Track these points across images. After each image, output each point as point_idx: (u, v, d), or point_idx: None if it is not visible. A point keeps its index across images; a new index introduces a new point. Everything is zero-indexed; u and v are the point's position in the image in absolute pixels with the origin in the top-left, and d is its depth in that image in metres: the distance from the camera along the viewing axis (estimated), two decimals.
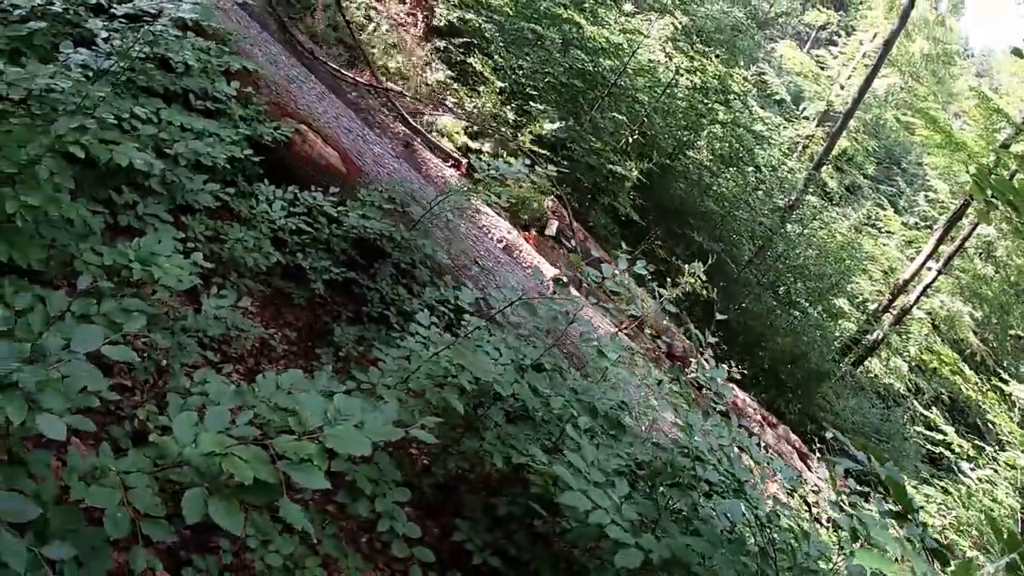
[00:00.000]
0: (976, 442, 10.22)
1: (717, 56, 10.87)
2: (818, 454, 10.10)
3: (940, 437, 10.87)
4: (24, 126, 3.00)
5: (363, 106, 7.32)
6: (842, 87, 22.02)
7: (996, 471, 9.22)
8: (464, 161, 7.78)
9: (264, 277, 4.50)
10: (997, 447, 10.33)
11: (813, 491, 8.53)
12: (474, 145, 8.27)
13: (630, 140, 9.32)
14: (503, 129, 7.51)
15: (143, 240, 2.95)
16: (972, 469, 9.88)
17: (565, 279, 3.33)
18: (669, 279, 5.93)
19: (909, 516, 3.21)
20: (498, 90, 8.49)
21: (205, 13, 3.10)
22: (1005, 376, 12.26)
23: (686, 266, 6.33)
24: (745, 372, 7.55)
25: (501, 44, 8.90)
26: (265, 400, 2.23)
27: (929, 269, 16.49)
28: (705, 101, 10.66)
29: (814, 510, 8.15)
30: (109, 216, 3.27)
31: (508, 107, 8.61)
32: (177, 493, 2.64)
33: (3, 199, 2.74)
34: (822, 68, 23.23)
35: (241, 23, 5.26)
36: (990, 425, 11.98)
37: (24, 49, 3.65)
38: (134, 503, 1.92)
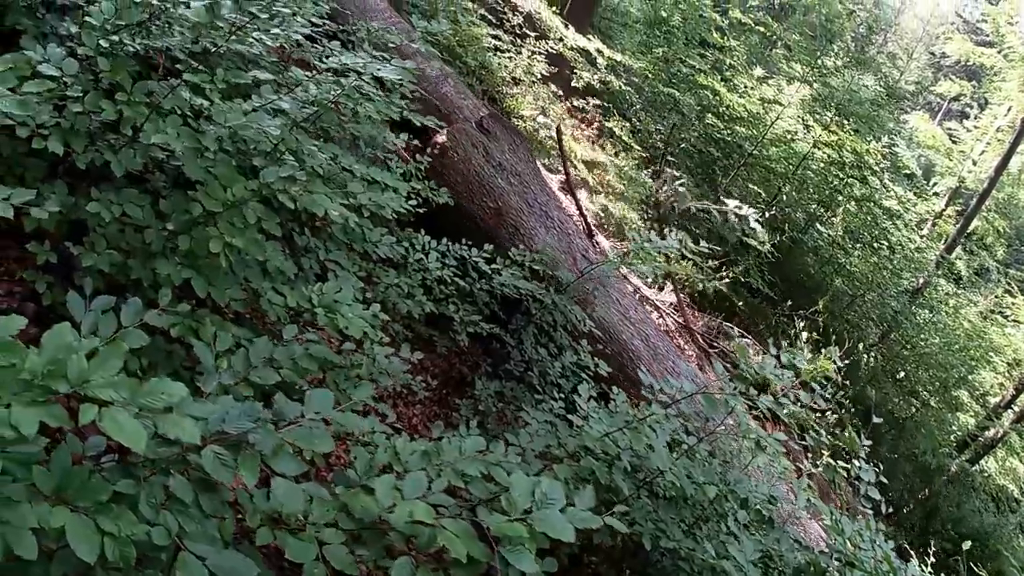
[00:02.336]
0: None
1: (856, 131, 10.58)
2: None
3: None
4: (225, 165, 3.18)
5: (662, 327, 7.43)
6: (974, 162, 20.98)
7: None
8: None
9: (407, 322, 4.60)
10: None
11: None
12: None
13: (766, 214, 9.16)
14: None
15: (325, 286, 3.06)
16: None
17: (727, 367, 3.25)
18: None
19: None
20: (636, 155, 8.53)
21: (406, 76, 3.25)
22: None
23: (823, 351, 6.09)
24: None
25: (640, 107, 8.97)
26: (451, 465, 2.24)
27: None
28: (841, 175, 10.35)
29: None
30: (290, 257, 3.42)
31: (644, 171, 8.62)
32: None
33: (208, 237, 2.91)
34: (954, 142, 22.21)
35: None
36: None
37: (206, 86, 3.89)
38: (330, 560, 1.94)
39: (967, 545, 5.60)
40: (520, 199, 5.31)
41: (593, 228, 7.50)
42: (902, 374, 12.16)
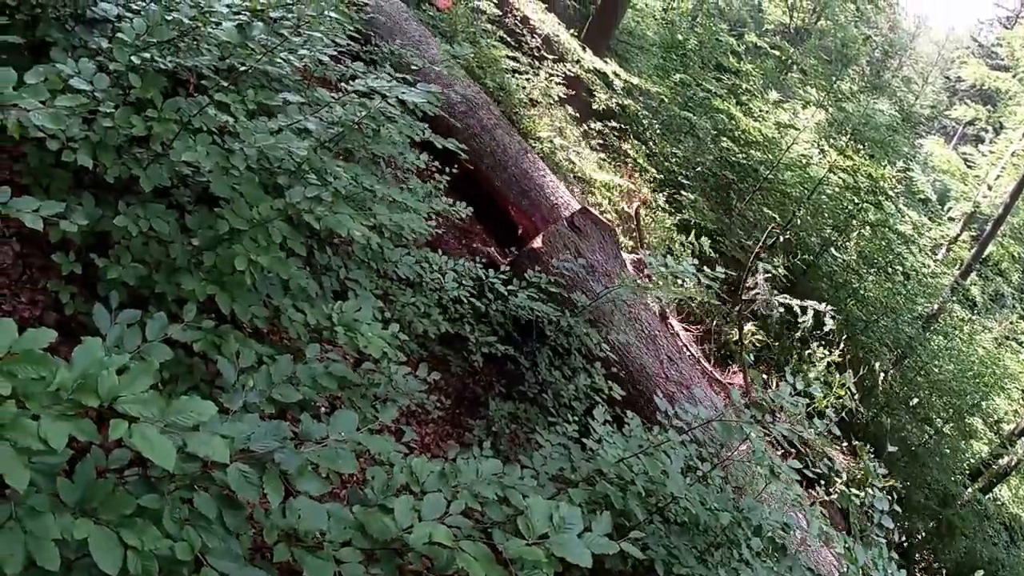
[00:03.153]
0: None
1: (872, 156, 10.59)
2: None
3: None
4: (251, 183, 3.22)
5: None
6: (990, 187, 20.89)
7: None
8: None
9: (422, 341, 4.62)
10: None
11: None
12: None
13: (780, 238, 9.15)
14: None
15: (345, 305, 3.09)
16: None
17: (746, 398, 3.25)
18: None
19: None
20: (651, 178, 8.57)
21: (432, 99, 3.29)
22: None
23: (836, 376, 6.06)
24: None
25: (656, 130, 9.01)
26: (468, 487, 2.25)
27: None
28: (855, 200, 10.35)
29: None
30: (310, 275, 3.45)
31: (660, 194, 8.66)
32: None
33: (233, 254, 2.95)
34: (969, 166, 22.13)
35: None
36: None
37: (233, 103, 3.94)
38: None
39: (980, 574, 5.53)
40: (610, 303, 5.29)
41: (665, 311, 7.44)
42: (916, 401, 12.06)
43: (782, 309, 8.07)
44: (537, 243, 5.32)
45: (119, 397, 1.60)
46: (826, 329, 8.21)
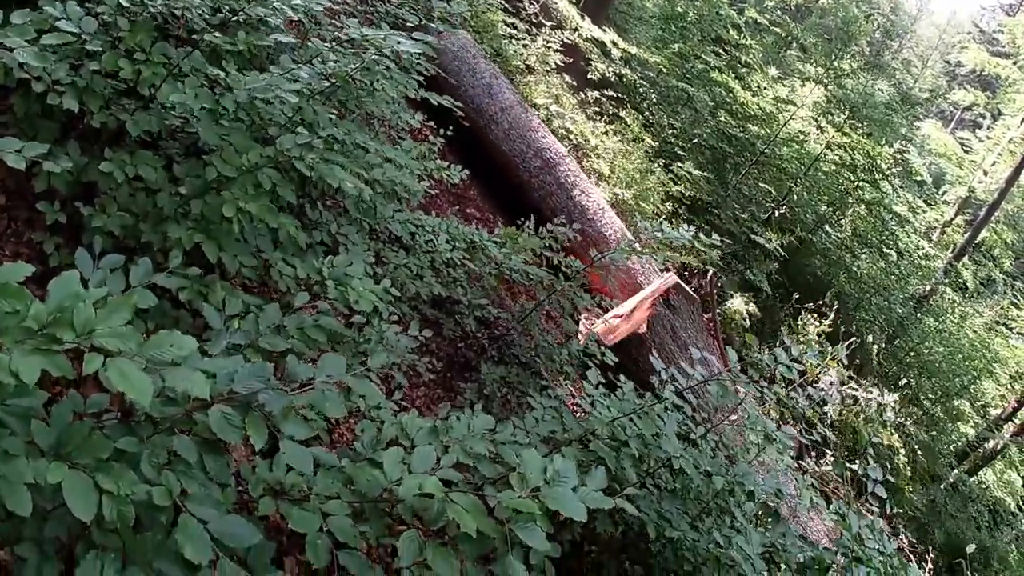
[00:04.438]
0: None
1: (869, 134, 10.50)
2: None
3: None
4: (241, 133, 3.12)
5: None
6: (985, 173, 20.87)
7: None
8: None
9: (414, 303, 4.55)
10: None
11: None
12: None
13: (776, 213, 9.08)
14: None
15: (336, 259, 3.01)
16: None
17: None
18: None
19: None
20: (647, 147, 8.47)
21: (426, 50, 3.20)
22: None
23: (829, 349, 6.06)
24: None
25: (654, 100, 8.90)
26: (458, 441, 2.20)
27: None
28: (852, 178, 10.28)
29: None
30: (301, 229, 3.37)
31: (656, 164, 8.57)
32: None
33: (221, 202, 2.86)
34: (966, 151, 22.10)
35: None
36: None
37: (224, 54, 3.81)
38: (334, 531, 1.89)
39: (971, 548, 5.55)
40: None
41: (727, 359, 7.37)
42: (904, 381, 12.09)
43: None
44: (643, 329, 5.36)
45: (95, 330, 1.52)
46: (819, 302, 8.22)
